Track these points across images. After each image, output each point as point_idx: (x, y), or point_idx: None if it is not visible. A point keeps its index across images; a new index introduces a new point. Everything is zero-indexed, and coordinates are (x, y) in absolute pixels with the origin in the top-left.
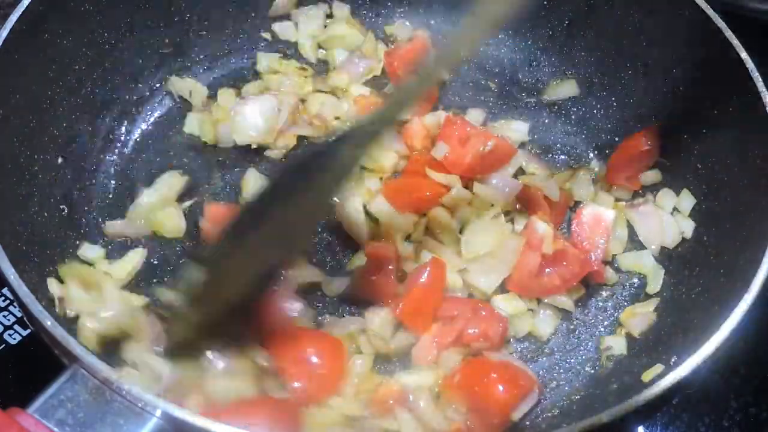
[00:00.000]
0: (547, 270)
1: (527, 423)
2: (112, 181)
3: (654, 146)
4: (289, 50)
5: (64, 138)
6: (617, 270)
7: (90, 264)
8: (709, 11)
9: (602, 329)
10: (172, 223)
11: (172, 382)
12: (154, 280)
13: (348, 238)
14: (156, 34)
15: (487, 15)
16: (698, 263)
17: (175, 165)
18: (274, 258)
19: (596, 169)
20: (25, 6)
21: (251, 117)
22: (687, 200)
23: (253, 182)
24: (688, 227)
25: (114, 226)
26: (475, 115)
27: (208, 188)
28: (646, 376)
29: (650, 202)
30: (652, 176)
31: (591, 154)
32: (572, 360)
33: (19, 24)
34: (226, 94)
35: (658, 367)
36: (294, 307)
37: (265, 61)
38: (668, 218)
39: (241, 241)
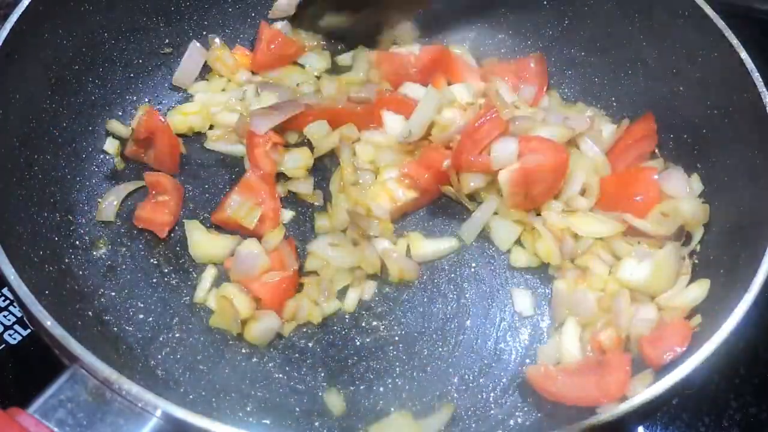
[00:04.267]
0: None
1: (527, 423)
2: (112, 182)
3: (651, 133)
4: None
5: (64, 138)
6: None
7: None
8: (709, 11)
9: None
10: None
11: None
12: None
13: None
14: (156, 34)
15: None
16: (698, 263)
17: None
18: None
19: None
20: (25, 6)
21: None
22: (696, 184)
23: None
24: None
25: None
26: None
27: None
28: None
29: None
30: (655, 165)
31: None
32: None
33: (19, 24)
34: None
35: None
36: None
37: None
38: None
39: None
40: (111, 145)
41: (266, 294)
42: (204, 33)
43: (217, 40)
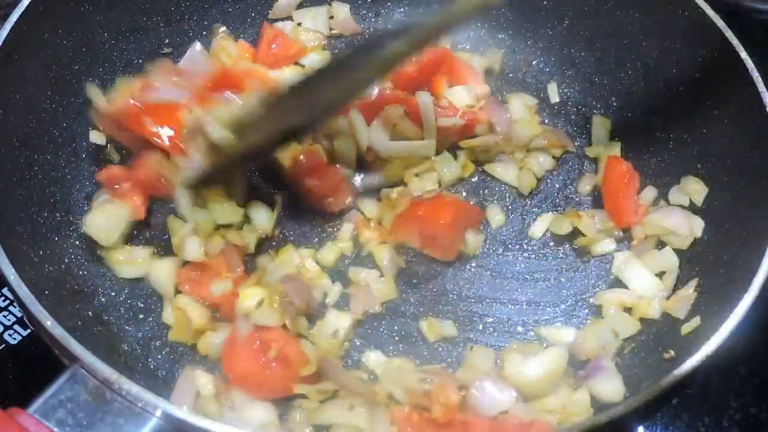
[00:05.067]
0: None
1: None
2: None
3: (629, 164)
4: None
5: (64, 138)
6: None
7: None
8: (709, 11)
9: None
10: None
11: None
12: None
13: None
14: (156, 34)
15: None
16: (698, 263)
17: None
18: (301, 121)
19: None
20: (25, 6)
21: None
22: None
23: None
24: (697, 224)
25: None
26: None
27: None
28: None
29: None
30: (649, 194)
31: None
32: None
33: (19, 24)
34: None
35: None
36: None
37: None
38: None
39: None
40: (99, 137)
41: (222, 299)
42: (204, 33)
43: (222, 29)
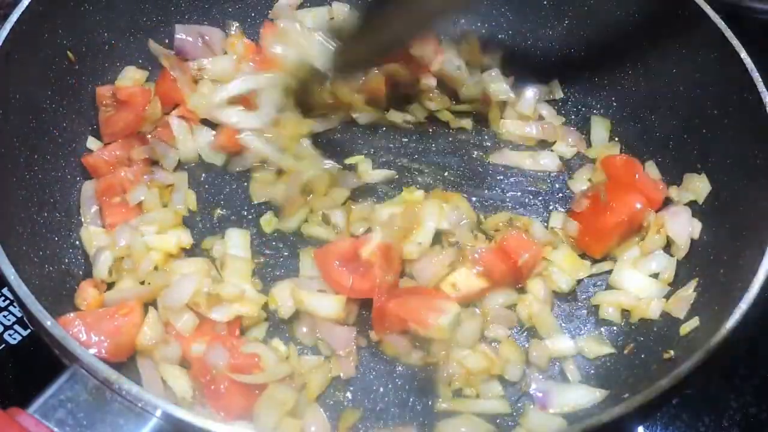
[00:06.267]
0: None
1: None
2: None
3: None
4: None
5: (64, 138)
6: None
7: None
8: (709, 11)
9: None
10: None
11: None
12: None
13: None
14: (156, 35)
15: None
16: (698, 263)
17: None
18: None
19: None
20: (25, 6)
21: None
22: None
23: None
24: (695, 226)
25: None
26: None
27: None
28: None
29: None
30: (653, 168)
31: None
32: None
33: (19, 24)
34: None
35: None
36: None
37: None
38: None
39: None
40: (95, 144)
41: None
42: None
43: (235, 27)
